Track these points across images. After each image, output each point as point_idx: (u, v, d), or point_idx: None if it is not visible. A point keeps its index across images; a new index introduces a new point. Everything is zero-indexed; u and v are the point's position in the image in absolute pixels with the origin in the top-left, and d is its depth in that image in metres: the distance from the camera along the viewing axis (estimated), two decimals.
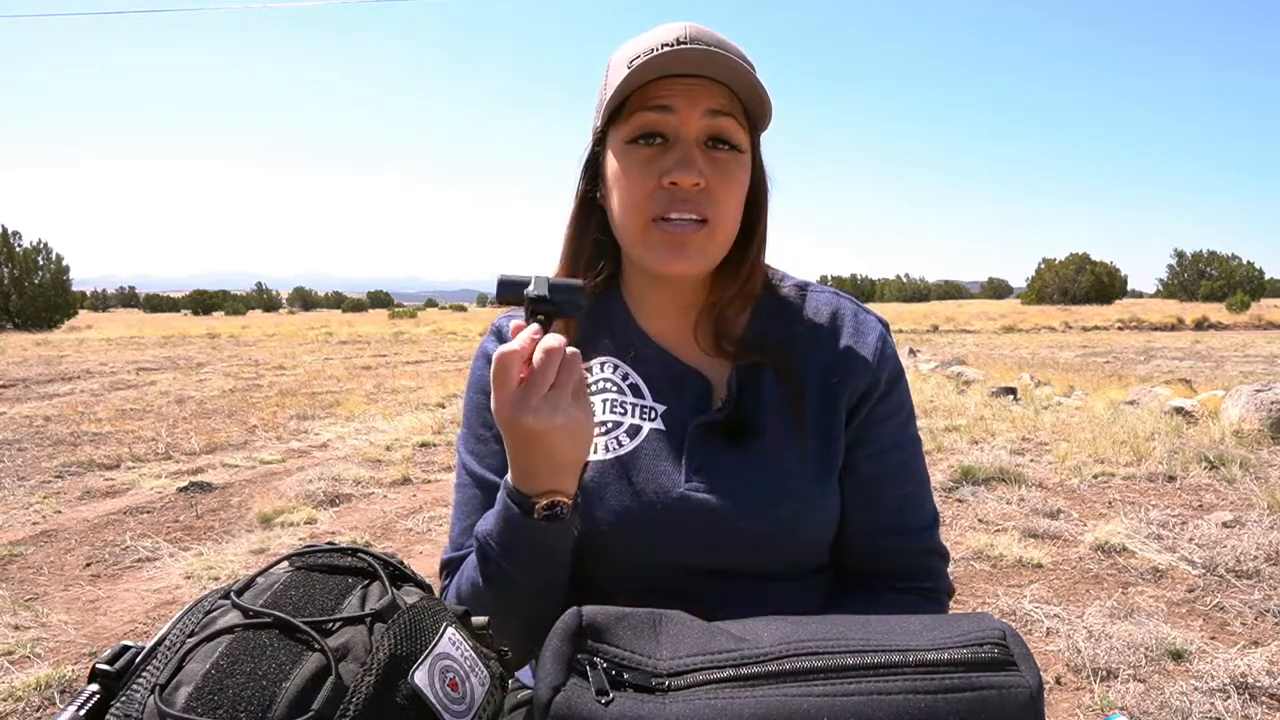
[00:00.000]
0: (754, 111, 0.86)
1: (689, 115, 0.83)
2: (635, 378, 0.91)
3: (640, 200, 0.84)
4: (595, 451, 0.87)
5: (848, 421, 0.89)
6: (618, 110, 0.85)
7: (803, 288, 0.96)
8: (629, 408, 0.89)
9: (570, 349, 0.73)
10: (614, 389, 0.91)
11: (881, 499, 0.89)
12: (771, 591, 0.85)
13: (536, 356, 0.72)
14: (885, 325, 0.94)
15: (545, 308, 0.76)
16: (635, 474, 0.86)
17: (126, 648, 0.53)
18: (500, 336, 0.96)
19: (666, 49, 0.80)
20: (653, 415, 0.89)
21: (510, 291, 0.77)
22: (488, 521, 0.81)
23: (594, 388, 0.92)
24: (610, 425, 0.89)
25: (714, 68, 0.81)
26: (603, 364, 0.93)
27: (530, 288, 0.76)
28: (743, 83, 0.83)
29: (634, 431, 0.88)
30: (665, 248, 0.84)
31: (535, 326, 0.74)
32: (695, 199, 0.83)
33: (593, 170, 0.92)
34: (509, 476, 0.78)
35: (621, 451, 0.87)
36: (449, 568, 0.91)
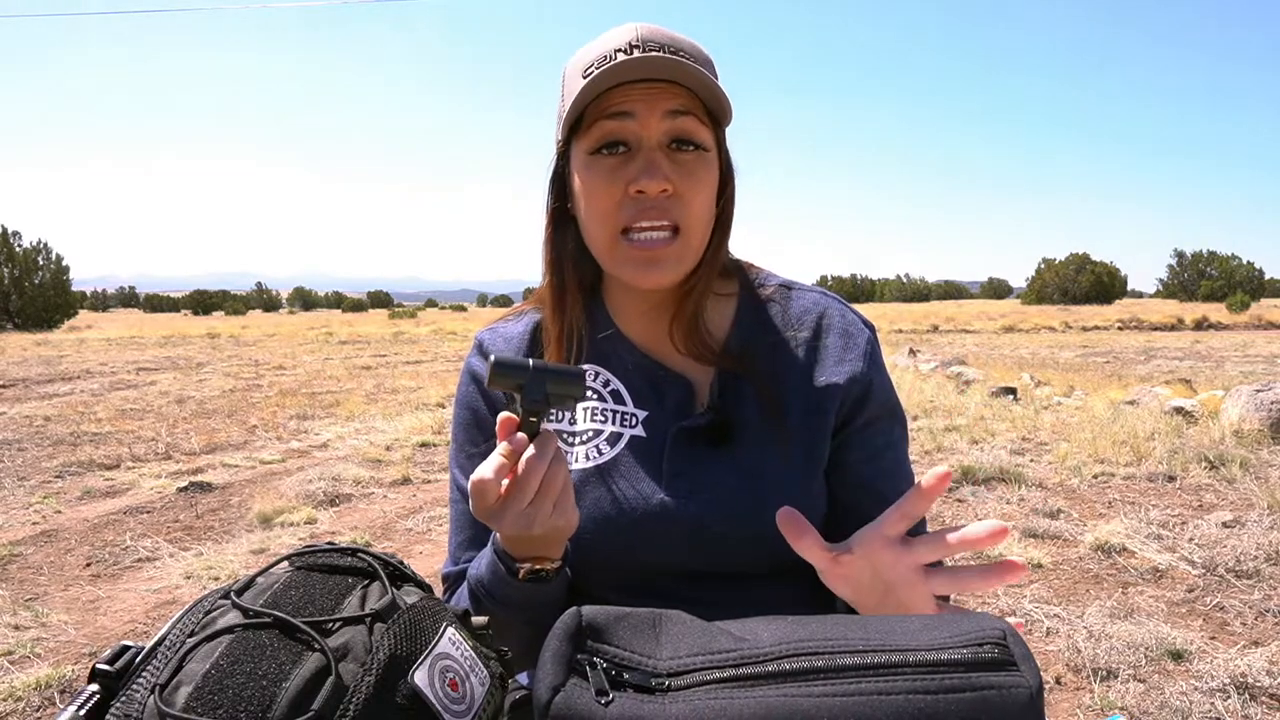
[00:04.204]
0: (715, 109, 0.85)
1: (649, 119, 0.81)
2: (617, 384, 0.91)
3: (608, 210, 0.83)
4: (576, 460, 0.88)
5: (841, 427, 0.89)
6: (577, 122, 0.84)
7: (787, 287, 0.96)
8: (610, 415, 0.89)
9: (554, 460, 0.71)
10: (595, 397, 0.91)
11: (883, 499, 0.89)
12: (756, 590, 0.85)
13: (518, 470, 0.70)
14: (871, 327, 0.94)
15: (539, 406, 0.71)
16: (615, 481, 0.86)
17: (126, 648, 0.53)
18: (483, 352, 0.96)
19: (620, 55, 0.79)
20: (633, 422, 0.89)
21: (505, 375, 0.71)
22: (479, 566, 0.81)
23: None
24: (591, 434, 0.89)
25: (669, 72, 0.80)
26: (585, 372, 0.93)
27: (526, 378, 0.71)
28: (699, 84, 0.81)
29: (614, 439, 0.88)
30: (636, 263, 0.83)
31: (510, 442, 0.70)
32: (663, 205, 0.82)
33: (560, 183, 0.90)
34: (496, 534, 0.78)
35: (602, 460, 0.87)
36: (448, 581, 0.92)
